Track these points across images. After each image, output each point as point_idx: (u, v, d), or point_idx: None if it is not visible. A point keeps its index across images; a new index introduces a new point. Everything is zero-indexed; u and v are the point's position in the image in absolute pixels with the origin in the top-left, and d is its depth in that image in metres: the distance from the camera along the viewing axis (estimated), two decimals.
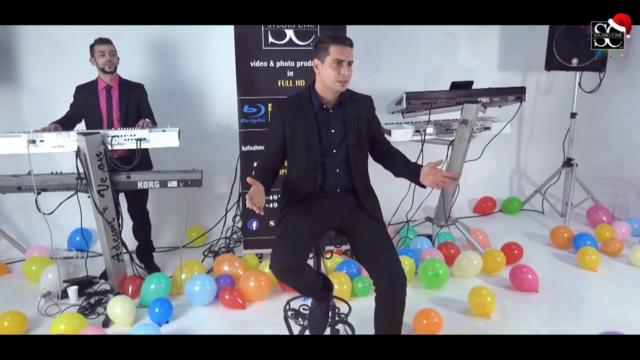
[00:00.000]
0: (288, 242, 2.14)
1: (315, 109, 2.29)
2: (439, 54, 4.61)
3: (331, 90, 2.26)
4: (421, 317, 2.77)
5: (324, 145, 2.29)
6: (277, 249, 2.13)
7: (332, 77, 2.20)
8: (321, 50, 2.21)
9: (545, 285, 3.28)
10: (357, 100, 2.37)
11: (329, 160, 2.30)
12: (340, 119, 2.31)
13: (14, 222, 4.03)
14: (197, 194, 4.25)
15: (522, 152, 5.09)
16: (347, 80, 2.23)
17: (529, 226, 4.45)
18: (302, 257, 2.13)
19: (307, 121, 2.27)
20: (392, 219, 3.93)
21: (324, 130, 2.29)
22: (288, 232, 2.20)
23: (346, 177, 2.32)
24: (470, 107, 3.45)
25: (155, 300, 2.93)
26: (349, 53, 2.21)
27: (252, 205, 1.98)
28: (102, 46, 3.21)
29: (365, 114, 2.36)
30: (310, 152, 2.27)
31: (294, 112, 2.28)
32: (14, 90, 3.91)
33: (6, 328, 2.74)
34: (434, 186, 2.21)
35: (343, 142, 2.31)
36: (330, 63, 2.19)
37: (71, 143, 2.84)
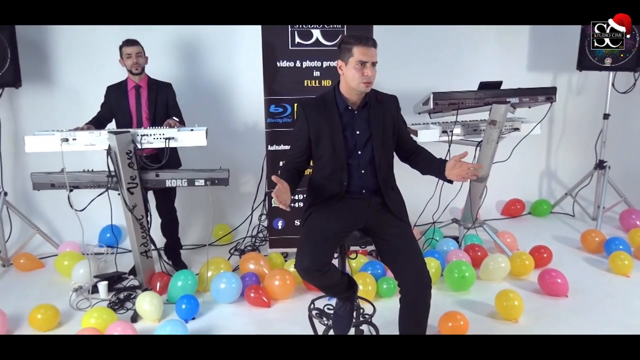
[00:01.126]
0: (313, 242, 2.15)
1: (341, 111, 2.29)
2: (468, 54, 4.55)
3: (355, 91, 2.25)
4: (447, 320, 2.75)
5: (349, 146, 2.29)
6: (302, 248, 2.14)
7: (356, 78, 2.19)
8: (345, 52, 2.21)
9: (575, 290, 3.21)
10: (382, 100, 2.35)
11: (354, 161, 2.30)
12: (365, 120, 2.30)
13: (48, 218, 4.15)
14: (224, 192, 4.31)
15: (552, 153, 4.99)
16: (371, 82, 2.22)
17: (559, 229, 4.36)
18: (327, 257, 2.14)
19: (333, 122, 2.27)
20: (417, 220, 3.90)
21: (349, 131, 2.29)
22: (313, 232, 2.20)
23: (371, 178, 2.31)
24: (499, 108, 3.39)
25: (182, 297, 2.98)
26: (373, 54, 2.20)
27: (279, 202, 2.00)
28: (129, 48, 3.27)
29: (390, 114, 2.34)
30: (335, 153, 2.27)
31: (319, 113, 2.28)
32: (48, 90, 4.02)
33: (39, 321, 2.83)
34: (460, 179, 2.18)
35: (368, 143, 2.30)
36: (354, 64, 2.18)
37: (102, 142, 2.91)
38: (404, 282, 2.20)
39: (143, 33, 3.45)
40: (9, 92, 3.82)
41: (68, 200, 2.97)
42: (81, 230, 3.20)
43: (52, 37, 3.96)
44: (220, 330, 2.88)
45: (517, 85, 3.70)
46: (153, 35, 3.72)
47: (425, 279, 2.18)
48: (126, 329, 2.65)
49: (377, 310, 2.62)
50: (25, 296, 3.24)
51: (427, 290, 2.19)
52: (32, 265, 3.67)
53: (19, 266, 3.64)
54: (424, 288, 2.18)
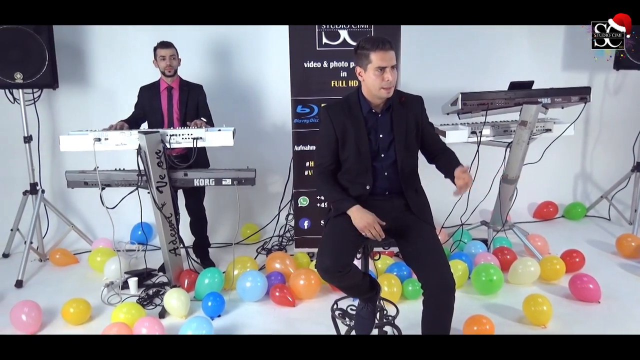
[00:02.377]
0: (334, 243, 2.15)
1: (365, 114, 2.28)
2: (499, 53, 4.47)
3: (377, 96, 2.23)
4: (472, 323, 2.71)
5: (373, 149, 2.28)
6: (323, 248, 2.15)
7: (376, 84, 2.17)
8: (362, 58, 2.19)
9: (608, 297, 3.11)
10: (406, 101, 2.33)
11: (378, 164, 2.29)
12: (388, 123, 2.29)
13: (82, 215, 4.28)
14: (252, 192, 4.35)
15: (587, 155, 4.85)
16: (392, 87, 2.20)
17: (593, 233, 4.24)
18: (348, 258, 2.14)
19: (358, 125, 2.26)
20: (445, 221, 3.86)
21: (372, 134, 2.28)
22: (335, 233, 2.21)
23: (395, 181, 2.30)
24: (530, 108, 3.32)
25: (209, 294, 3.03)
26: (391, 57, 2.16)
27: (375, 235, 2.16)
28: (163, 50, 3.33)
29: (414, 116, 2.32)
30: (360, 157, 2.26)
31: (344, 115, 2.28)
32: (84, 91, 4.15)
33: (71, 315, 2.92)
34: (459, 189, 2.18)
35: (391, 147, 2.29)
36: (373, 71, 2.15)
37: (133, 141, 2.98)
38: (427, 284, 2.18)
39: (175, 34, 3.52)
40: (47, 93, 3.96)
41: (100, 198, 3.06)
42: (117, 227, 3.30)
43: (88, 39, 4.09)
44: (245, 328, 2.91)
45: (551, 85, 3.62)
46: (184, 36, 3.79)
47: (449, 282, 2.15)
48: (153, 324, 2.71)
49: (401, 312, 2.60)
50: (59, 290, 3.35)
51: (451, 293, 2.16)
52: (67, 260, 3.79)
53: (54, 261, 3.77)
54: (447, 291, 2.16)
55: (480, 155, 3.56)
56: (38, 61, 3.49)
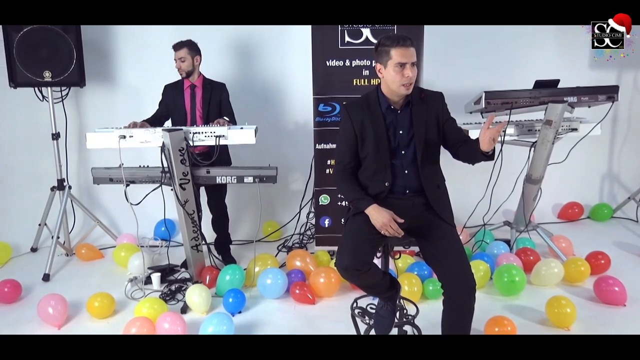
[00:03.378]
0: (354, 241, 2.16)
1: (383, 111, 2.28)
2: (524, 52, 4.40)
3: (397, 93, 2.23)
4: (493, 325, 2.68)
5: (393, 146, 2.28)
6: (342, 247, 2.16)
7: (396, 81, 2.17)
8: (382, 55, 2.19)
9: (634, 300, 3.05)
10: (426, 98, 2.32)
11: (398, 162, 2.28)
12: (408, 119, 2.28)
13: (108, 211, 4.36)
14: (274, 190, 4.37)
15: (614, 155, 4.75)
16: (412, 83, 2.20)
17: (620, 235, 4.15)
18: (368, 257, 2.14)
19: (377, 122, 2.26)
20: (467, 221, 3.82)
21: (392, 131, 2.28)
22: (354, 231, 2.21)
23: (415, 179, 2.29)
24: (555, 107, 3.27)
25: (230, 290, 3.06)
26: (412, 54, 2.16)
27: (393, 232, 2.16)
28: (175, 53, 3.35)
29: (434, 112, 2.30)
30: (379, 154, 2.26)
31: (363, 113, 2.28)
32: (110, 89, 4.22)
33: (96, 309, 2.98)
34: (489, 144, 2.09)
35: (411, 143, 2.28)
36: (393, 67, 2.16)
37: (157, 139, 3.03)
38: (447, 284, 2.17)
39: (198, 33, 3.56)
40: (75, 91, 4.04)
41: (125, 195, 3.11)
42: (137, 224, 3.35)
43: (114, 39, 4.16)
44: (265, 325, 2.93)
45: (578, 83, 3.55)
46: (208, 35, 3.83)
47: (470, 282, 2.13)
48: (175, 319, 2.75)
49: (422, 311, 2.59)
50: (85, 284, 3.42)
51: (471, 294, 2.14)
52: (93, 255, 3.87)
53: (80, 256, 3.86)
54: (467, 291, 2.14)
55: (504, 155, 3.51)
56: (66, 60, 3.58)
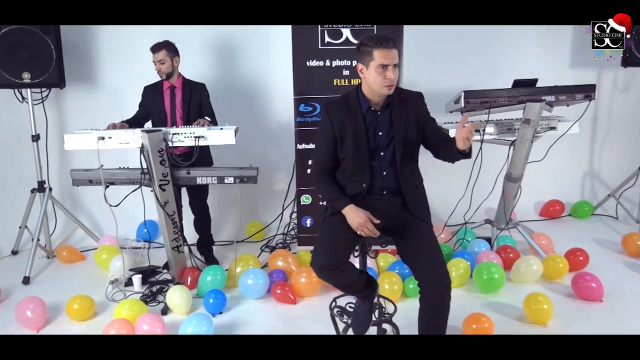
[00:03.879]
0: (329, 241, 2.16)
1: (364, 112, 2.28)
2: (506, 52, 4.44)
3: (378, 94, 2.24)
4: (471, 321, 2.70)
5: (372, 147, 2.28)
6: (318, 247, 2.16)
7: (378, 82, 2.17)
8: (365, 55, 2.18)
9: (611, 295, 3.09)
10: (406, 99, 2.32)
11: (377, 163, 2.29)
12: (388, 121, 2.29)
13: (90, 212, 4.34)
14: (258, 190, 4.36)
15: (595, 153, 4.80)
16: (394, 84, 2.20)
17: (600, 232, 4.20)
18: (343, 256, 2.15)
19: (356, 123, 2.26)
20: (449, 220, 3.85)
21: (371, 132, 2.28)
22: (330, 231, 2.22)
23: (393, 180, 2.30)
24: (533, 106, 3.30)
25: (210, 291, 3.06)
26: (394, 55, 2.16)
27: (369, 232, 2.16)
28: (153, 55, 3.34)
29: (414, 112, 2.31)
30: (358, 155, 2.27)
31: (343, 113, 2.28)
32: (92, 90, 4.20)
33: (75, 311, 2.97)
34: (464, 142, 2.08)
35: (391, 145, 2.28)
36: (375, 68, 2.15)
37: (136, 140, 3.02)
38: (423, 282, 2.19)
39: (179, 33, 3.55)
40: (56, 93, 4.02)
41: (104, 196, 3.10)
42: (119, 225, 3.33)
43: (94, 40, 4.14)
44: (245, 326, 2.94)
45: (559, 82, 3.58)
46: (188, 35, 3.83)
47: (445, 280, 2.15)
48: (154, 321, 2.74)
49: (401, 310, 2.61)
50: (65, 287, 3.40)
51: (446, 291, 2.16)
52: (74, 257, 3.85)
53: (61, 258, 3.84)
54: (443, 289, 2.16)
55: (484, 154, 3.54)
56: (45, 61, 3.55)
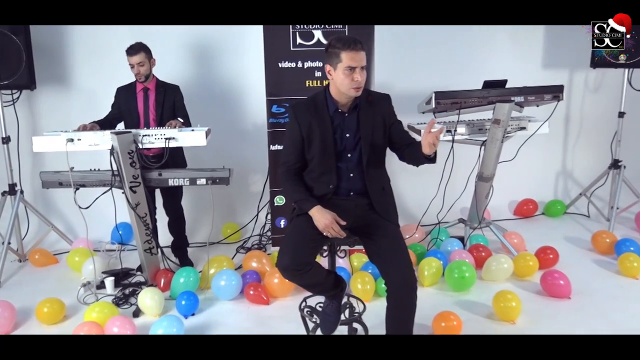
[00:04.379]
0: (294, 241, 2.18)
1: (331, 113, 2.29)
2: (481, 52, 4.48)
3: (345, 95, 2.24)
4: (440, 320, 2.74)
5: (339, 149, 2.29)
6: (283, 247, 2.17)
7: (345, 84, 2.17)
8: (332, 57, 2.18)
9: (580, 292, 3.14)
10: (373, 101, 2.33)
11: (344, 165, 2.30)
12: (355, 122, 2.30)
13: (65, 215, 4.30)
14: (235, 191, 4.39)
15: (568, 153, 4.88)
16: (361, 86, 2.21)
17: (572, 230, 4.26)
18: (308, 257, 2.16)
19: (324, 125, 2.27)
20: (422, 219, 3.88)
21: (338, 134, 2.29)
22: (296, 232, 2.23)
23: (359, 181, 2.32)
24: (502, 107, 3.35)
25: (182, 293, 3.05)
26: (362, 58, 2.17)
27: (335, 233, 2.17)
28: (131, 58, 3.30)
29: (381, 114, 2.32)
30: (325, 156, 2.28)
31: (310, 115, 2.28)
32: (65, 91, 4.17)
33: (45, 314, 2.94)
34: (428, 148, 2.07)
35: (358, 146, 2.30)
36: (343, 70, 2.15)
37: (106, 142, 3.01)
38: (390, 282, 2.22)
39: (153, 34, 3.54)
40: (28, 94, 3.98)
41: (74, 199, 3.08)
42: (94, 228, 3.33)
43: (66, 40, 4.11)
44: (217, 327, 2.94)
45: (531, 83, 3.63)
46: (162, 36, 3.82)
47: (410, 280, 2.18)
48: (124, 323, 2.73)
49: (374, 309, 2.63)
50: (37, 291, 3.36)
51: (412, 291, 2.19)
52: (47, 261, 3.81)
53: (34, 262, 3.80)
54: (408, 288, 2.19)
55: (456, 154, 3.58)
56: (15, 62, 3.52)
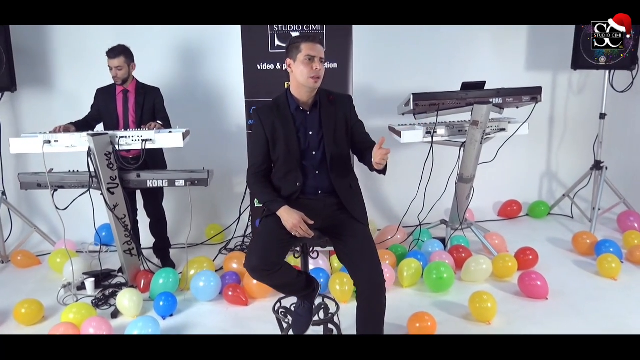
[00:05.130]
0: (263, 242, 2.19)
1: (292, 112, 2.32)
2: (464, 54, 4.50)
3: (305, 88, 2.27)
4: (415, 320, 2.75)
5: (303, 147, 2.32)
6: (251, 247, 2.19)
7: (304, 73, 2.22)
8: (293, 50, 2.26)
9: (557, 293, 3.16)
10: (335, 100, 2.37)
11: (309, 162, 2.33)
12: (317, 120, 2.33)
13: (48, 217, 4.30)
14: (219, 193, 4.41)
15: (553, 154, 4.89)
16: (320, 76, 2.25)
17: (554, 231, 4.28)
18: (276, 257, 2.16)
19: (286, 124, 2.30)
20: (403, 219, 3.90)
21: (302, 132, 2.32)
22: (265, 232, 2.24)
23: (326, 179, 2.33)
24: (480, 108, 3.37)
25: (160, 294, 3.06)
26: (320, 50, 2.25)
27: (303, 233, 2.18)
28: (110, 61, 3.31)
29: (343, 114, 2.36)
30: (289, 155, 2.30)
31: (273, 116, 2.31)
32: (47, 93, 4.18)
33: (23, 315, 2.95)
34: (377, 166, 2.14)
35: (321, 144, 2.32)
36: (302, 59, 2.22)
37: (83, 143, 3.01)
38: (359, 282, 2.22)
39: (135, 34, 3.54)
40: (10, 96, 3.99)
41: (52, 200, 3.09)
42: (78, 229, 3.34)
43: (47, 42, 4.12)
44: (195, 327, 2.94)
45: (514, 85, 3.65)
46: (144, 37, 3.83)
47: (378, 280, 2.19)
48: (101, 324, 2.74)
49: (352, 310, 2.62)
50: (17, 292, 3.36)
51: (380, 291, 2.20)
52: (29, 262, 3.82)
53: (16, 263, 3.80)
54: (377, 288, 2.19)
55: (437, 156, 3.60)
56: None
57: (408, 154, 4.06)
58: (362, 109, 3.58)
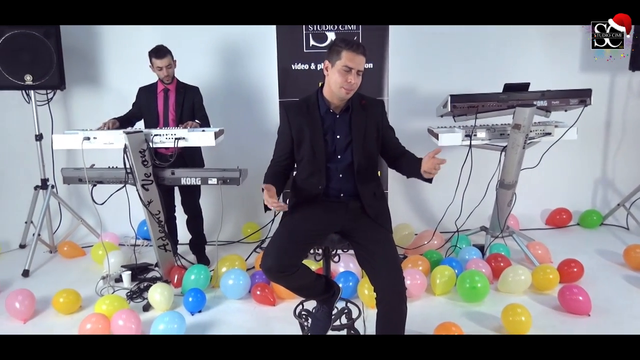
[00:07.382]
0: (280, 243, 2.16)
1: (322, 114, 2.28)
2: (514, 54, 4.31)
3: (337, 95, 2.23)
4: (441, 330, 2.64)
5: (329, 150, 2.28)
6: (268, 248, 2.17)
7: (338, 82, 2.17)
8: (333, 53, 2.19)
9: (602, 310, 2.96)
10: (367, 105, 2.31)
11: (333, 165, 2.29)
12: (347, 124, 2.28)
13: (93, 210, 4.44)
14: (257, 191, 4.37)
15: (608, 160, 4.61)
16: (353, 89, 2.19)
17: (606, 243, 4.02)
18: (294, 259, 2.13)
19: (314, 125, 2.27)
20: (441, 225, 3.78)
21: (329, 135, 2.28)
22: (283, 233, 2.22)
23: (350, 183, 2.29)
24: (523, 111, 3.20)
25: (190, 290, 3.11)
26: (360, 62, 2.16)
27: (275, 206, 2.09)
28: (158, 61, 3.37)
29: (374, 120, 2.30)
30: (315, 156, 2.27)
31: (301, 116, 2.29)
32: (94, 91, 4.36)
33: (61, 304, 3.07)
34: (427, 175, 2.10)
35: (349, 148, 2.27)
36: (340, 68, 2.15)
37: (120, 140, 3.10)
38: (378, 288, 2.16)
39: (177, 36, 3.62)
40: (62, 94, 4.19)
41: (91, 195, 3.21)
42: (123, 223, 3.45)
43: (97, 42, 4.29)
44: (220, 325, 2.97)
45: (568, 87, 3.45)
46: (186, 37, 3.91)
47: (397, 287, 2.12)
48: (130, 317, 2.80)
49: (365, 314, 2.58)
50: (60, 281, 3.52)
51: (401, 300, 2.13)
52: (74, 253, 4.00)
53: (62, 253, 3.99)
54: (397, 296, 2.12)
55: (477, 159, 3.46)
56: (47, 64, 3.71)
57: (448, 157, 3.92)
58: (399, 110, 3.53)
